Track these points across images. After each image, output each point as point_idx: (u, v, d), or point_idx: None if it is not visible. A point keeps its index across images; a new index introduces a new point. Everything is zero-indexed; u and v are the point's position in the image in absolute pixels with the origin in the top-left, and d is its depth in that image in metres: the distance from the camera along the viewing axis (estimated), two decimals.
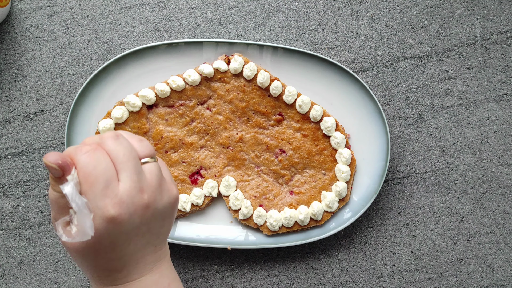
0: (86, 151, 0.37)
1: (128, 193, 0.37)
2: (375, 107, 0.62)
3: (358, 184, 0.63)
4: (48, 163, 0.35)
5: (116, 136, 0.39)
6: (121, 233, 0.37)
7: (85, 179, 0.36)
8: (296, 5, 0.65)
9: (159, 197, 0.39)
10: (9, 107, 0.64)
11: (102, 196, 0.36)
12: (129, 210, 0.37)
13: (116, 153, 0.38)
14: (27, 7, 0.64)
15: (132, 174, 0.37)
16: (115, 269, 0.40)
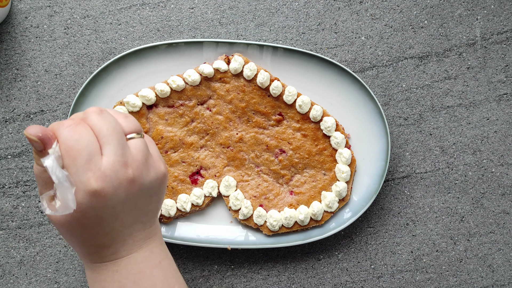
0: (68, 125, 0.37)
1: (111, 167, 0.36)
2: (375, 107, 0.62)
3: (358, 184, 0.63)
4: (29, 136, 0.35)
5: (100, 111, 0.39)
6: (106, 207, 0.37)
7: (67, 153, 0.36)
8: (296, 5, 0.65)
9: (145, 173, 0.39)
10: (9, 107, 0.64)
11: (84, 170, 0.36)
12: (113, 184, 0.37)
13: (99, 127, 0.37)
14: (27, 7, 0.64)
15: (116, 148, 0.37)
16: (103, 245, 0.39)
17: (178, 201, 0.62)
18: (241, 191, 0.62)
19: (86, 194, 0.36)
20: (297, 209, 0.62)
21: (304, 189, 0.63)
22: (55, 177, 0.35)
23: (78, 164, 0.36)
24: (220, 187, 0.62)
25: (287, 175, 0.63)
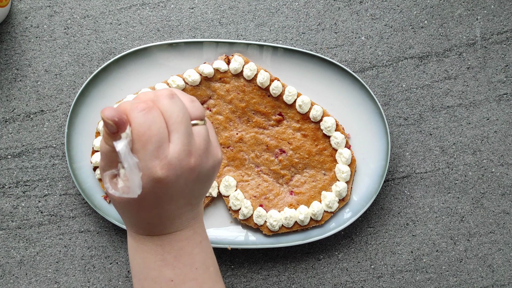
0: (142, 109, 0.36)
1: (177, 155, 0.37)
2: (375, 107, 0.62)
3: (358, 184, 0.63)
4: (104, 118, 0.35)
5: (171, 95, 0.39)
6: (165, 192, 0.38)
7: (139, 138, 0.36)
8: (296, 5, 0.65)
9: (205, 161, 0.39)
10: (9, 107, 0.64)
11: (152, 157, 0.36)
12: (176, 173, 0.37)
13: (170, 113, 0.38)
14: (27, 7, 0.64)
15: (183, 137, 0.37)
16: (153, 223, 0.41)
17: None
18: (241, 191, 0.62)
19: (150, 180, 0.37)
20: (297, 209, 0.62)
21: (304, 189, 0.63)
22: (126, 163, 0.36)
23: (147, 150, 0.36)
24: (220, 187, 0.62)
25: (287, 175, 0.63)
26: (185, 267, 0.42)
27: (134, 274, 0.43)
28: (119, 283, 0.64)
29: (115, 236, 0.65)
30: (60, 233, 0.64)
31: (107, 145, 0.38)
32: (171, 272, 0.41)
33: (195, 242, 0.43)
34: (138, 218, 0.41)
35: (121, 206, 0.40)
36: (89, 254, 0.64)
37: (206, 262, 0.43)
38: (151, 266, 0.41)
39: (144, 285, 0.42)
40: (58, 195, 0.64)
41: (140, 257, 0.42)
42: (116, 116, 0.35)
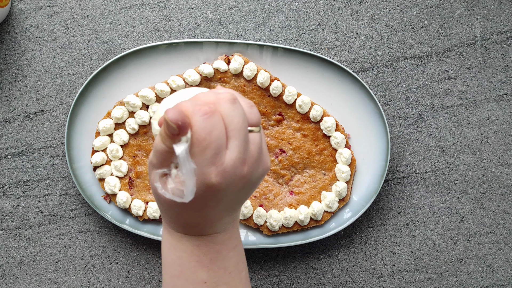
0: (204, 113, 0.36)
1: (233, 163, 0.37)
2: (375, 107, 0.61)
3: (358, 184, 0.63)
4: (168, 120, 0.35)
5: (233, 99, 0.38)
6: (214, 199, 0.38)
7: (198, 143, 0.35)
8: (296, 5, 0.65)
9: (255, 169, 0.39)
10: (9, 107, 0.64)
11: (209, 163, 0.36)
12: (229, 181, 0.37)
13: (231, 119, 0.37)
14: (27, 7, 0.64)
15: (241, 145, 0.37)
16: (194, 224, 0.41)
17: None
18: None
19: (203, 185, 0.36)
20: (297, 209, 0.62)
21: (304, 189, 0.63)
22: (184, 168, 0.35)
23: (205, 156, 0.36)
24: None
25: (287, 175, 0.63)
26: (220, 270, 0.42)
27: (166, 270, 0.43)
28: (119, 283, 0.64)
29: (115, 236, 0.65)
30: (60, 233, 0.64)
31: (163, 145, 0.37)
32: (205, 274, 0.41)
33: (231, 246, 0.43)
34: (180, 218, 0.40)
35: (165, 205, 0.40)
36: (89, 254, 0.64)
37: (239, 267, 0.43)
38: (186, 266, 0.41)
39: (177, 283, 0.42)
40: (58, 195, 0.64)
41: (175, 255, 0.42)
42: (180, 119, 0.35)
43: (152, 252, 0.65)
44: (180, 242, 0.42)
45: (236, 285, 0.43)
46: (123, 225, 0.62)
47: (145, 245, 0.65)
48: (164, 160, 0.37)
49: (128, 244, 0.65)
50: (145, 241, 0.65)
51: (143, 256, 0.65)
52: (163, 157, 0.37)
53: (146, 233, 0.62)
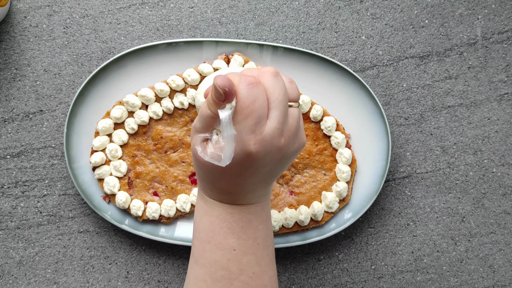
0: (249, 83, 0.38)
1: (272, 133, 0.38)
2: (376, 106, 0.61)
3: (358, 184, 0.63)
4: (216, 86, 0.36)
5: (275, 73, 0.40)
6: (250, 167, 0.39)
7: (242, 111, 0.37)
8: (296, 4, 0.65)
9: (292, 143, 0.41)
10: (8, 107, 0.64)
11: (249, 131, 0.37)
12: (266, 150, 0.38)
13: (272, 90, 0.39)
14: (26, 6, 0.64)
15: (280, 116, 0.38)
16: (229, 192, 0.42)
17: (178, 201, 0.62)
18: None
19: (242, 152, 0.38)
20: (297, 209, 0.62)
21: (304, 189, 0.63)
22: (226, 133, 0.37)
23: (246, 124, 0.37)
24: None
25: (287, 175, 0.63)
26: (249, 239, 0.43)
27: (197, 235, 0.44)
28: (118, 283, 0.64)
29: (114, 237, 0.64)
30: (59, 233, 0.64)
31: (208, 110, 0.38)
32: (235, 242, 0.42)
33: (262, 218, 0.44)
34: (216, 184, 0.42)
35: (203, 169, 0.41)
36: (88, 254, 0.64)
37: (267, 241, 0.44)
38: (217, 231, 0.42)
39: (206, 247, 0.43)
40: (57, 195, 0.64)
41: (208, 220, 0.43)
42: (227, 85, 0.36)
43: (151, 252, 0.64)
44: (214, 208, 0.43)
45: (263, 258, 0.44)
46: (122, 225, 0.61)
47: (145, 246, 0.65)
48: (207, 125, 0.39)
49: (128, 245, 0.64)
50: (145, 241, 0.65)
51: (143, 256, 0.64)
52: (207, 122, 0.39)
53: (146, 234, 0.62)
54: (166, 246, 0.65)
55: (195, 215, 0.45)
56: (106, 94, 0.62)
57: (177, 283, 0.64)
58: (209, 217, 0.43)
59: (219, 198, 0.43)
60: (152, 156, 0.62)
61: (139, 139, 0.62)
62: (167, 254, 0.65)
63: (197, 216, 0.45)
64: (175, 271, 0.64)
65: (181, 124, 0.62)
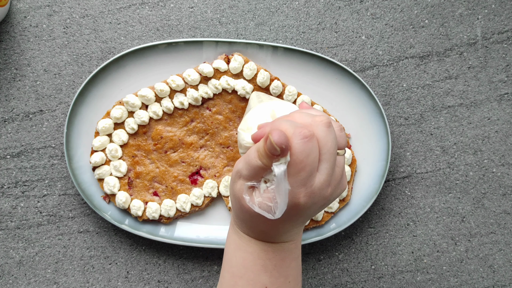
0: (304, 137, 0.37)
1: (321, 185, 0.38)
2: (376, 106, 0.61)
3: (358, 184, 0.63)
4: (273, 143, 0.36)
5: (329, 124, 0.39)
6: (295, 216, 0.39)
7: (295, 165, 0.37)
8: (296, 4, 0.65)
9: (336, 191, 0.41)
10: (8, 107, 0.64)
11: (301, 184, 0.37)
12: (314, 201, 0.39)
13: (324, 143, 0.38)
14: (26, 6, 0.64)
15: (330, 168, 0.39)
16: (267, 233, 0.42)
17: (178, 201, 0.62)
18: None
19: (290, 204, 0.38)
20: None
21: None
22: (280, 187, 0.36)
23: (299, 177, 0.37)
24: (220, 187, 0.62)
25: None
26: (281, 277, 0.43)
27: (228, 269, 0.44)
28: (118, 283, 0.64)
29: (114, 237, 0.64)
30: (59, 233, 0.64)
31: (259, 162, 0.38)
32: (268, 280, 0.43)
33: (294, 256, 0.44)
34: (256, 226, 0.42)
35: (246, 214, 0.41)
36: (88, 254, 0.64)
37: (298, 278, 0.45)
38: (250, 268, 0.43)
39: (238, 282, 0.43)
40: (57, 195, 0.64)
41: (241, 256, 0.43)
42: (284, 143, 0.36)
43: (151, 252, 0.64)
44: (248, 244, 0.43)
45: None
46: (122, 225, 0.61)
47: (145, 246, 0.65)
48: (256, 174, 0.39)
49: (128, 245, 0.64)
50: (145, 241, 0.64)
51: (143, 256, 0.64)
52: (256, 171, 0.38)
53: (146, 234, 0.62)
54: (166, 246, 0.65)
55: (227, 247, 0.45)
56: (106, 94, 0.62)
57: (177, 283, 0.64)
58: (242, 252, 0.43)
59: (254, 236, 0.43)
60: (152, 156, 0.62)
61: (139, 139, 0.62)
62: (167, 254, 0.65)
63: (229, 249, 0.45)
64: (175, 271, 0.64)
65: (181, 124, 0.62)
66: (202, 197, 0.62)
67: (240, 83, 0.60)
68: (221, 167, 0.63)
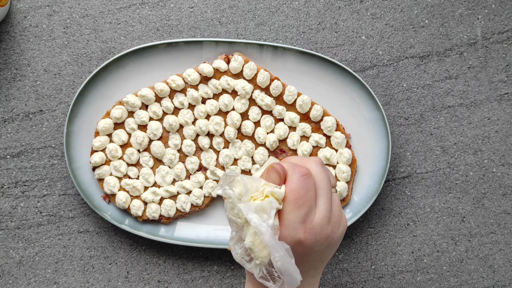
0: (303, 174, 0.39)
1: (321, 222, 0.39)
2: (376, 106, 0.61)
3: (358, 184, 0.63)
4: (276, 168, 0.38)
5: (321, 162, 0.42)
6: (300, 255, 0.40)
7: (295, 201, 0.38)
8: (296, 4, 0.65)
9: (337, 228, 0.41)
10: (8, 107, 0.64)
11: (301, 221, 0.38)
12: (315, 238, 0.39)
13: (321, 179, 0.40)
14: (26, 6, 0.64)
15: (327, 204, 0.40)
16: None
17: (178, 201, 0.62)
18: None
19: (292, 242, 0.39)
20: None
21: None
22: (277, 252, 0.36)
23: (299, 214, 0.38)
24: None
25: None
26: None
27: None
28: (118, 283, 0.64)
29: (114, 237, 0.64)
30: (59, 233, 0.64)
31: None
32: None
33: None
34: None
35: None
36: (88, 254, 0.64)
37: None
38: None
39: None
40: (57, 195, 0.64)
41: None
42: (284, 172, 0.39)
43: (151, 252, 0.64)
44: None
45: None
46: (122, 225, 0.61)
47: (145, 246, 0.65)
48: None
49: (128, 245, 0.64)
50: (145, 241, 0.64)
51: (143, 256, 0.64)
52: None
53: (146, 234, 0.62)
54: (166, 246, 0.65)
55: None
56: (106, 94, 0.62)
57: (177, 283, 0.64)
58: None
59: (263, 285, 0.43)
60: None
61: None
62: (167, 254, 0.65)
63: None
64: (175, 271, 0.64)
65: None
66: (202, 197, 0.62)
67: (240, 83, 0.60)
68: (222, 167, 0.63)
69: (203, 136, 0.62)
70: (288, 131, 0.62)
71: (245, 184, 0.37)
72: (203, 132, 0.61)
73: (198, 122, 0.61)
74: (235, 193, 0.38)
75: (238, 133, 0.62)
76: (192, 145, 0.62)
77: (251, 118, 0.62)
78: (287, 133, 0.62)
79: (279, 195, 0.38)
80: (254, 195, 0.38)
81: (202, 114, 0.61)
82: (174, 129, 0.61)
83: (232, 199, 0.38)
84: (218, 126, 0.61)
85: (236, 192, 0.37)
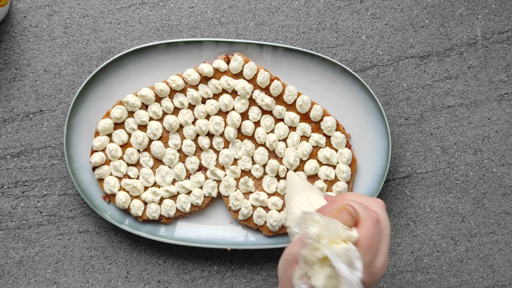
0: (375, 220, 0.40)
1: (382, 266, 0.40)
2: (376, 106, 0.61)
3: (358, 184, 0.63)
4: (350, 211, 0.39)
5: (385, 206, 0.43)
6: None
7: (367, 247, 0.38)
8: (296, 4, 0.65)
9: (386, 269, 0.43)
10: (8, 107, 0.64)
11: (367, 266, 0.39)
12: (373, 281, 0.40)
13: (385, 225, 0.41)
14: (26, 6, 0.64)
15: (388, 249, 0.41)
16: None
17: (178, 201, 0.62)
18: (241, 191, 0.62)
19: None
20: None
21: None
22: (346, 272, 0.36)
23: (367, 258, 0.38)
24: (220, 187, 0.62)
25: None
26: None
27: None
28: (118, 283, 0.64)
29: (114, 237, 0.64)
30: (59, 233, 0.64)
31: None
32: None
33: None
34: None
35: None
36: (88, 254, 0.64)
37: None
38: None
39: None
40: (57, 195, 0.64)
41: None
42: (356, 216, 0.39)
43: (151, 252, 0.64)
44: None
45: None
46: (122, 225, 0.61)
47: (145, 246, 0.65)
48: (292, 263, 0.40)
49: (128, 245, 0.64)
50: (145, 241, 0.64)
51: (143, 256, 0.64)
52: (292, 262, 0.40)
53: (146, 234, 0.62)
54: (166, 246, 0.65)
55: None
56: (106, 94, 0.62)
57: (177, 283, 0.64)
58: None
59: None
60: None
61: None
62: (167, 254, 0.65)
63: None
64: (175, 271, 0.64)
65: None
66: (202, 197, 0.62)
67: (240, 83, 0.60)
68: (222, 167, 0.63)
69: (203, 136, 0.62)
70: (288, 131, 0.62)
71: (325, 226, 0.37)
72: (203, 132, 0.61)
73: (198, 122, 0.61)
74: (314, 233, 0.37)
75: (238, 133, 0.62)
76: (192, 145, 0.62)
77: (251, 118, 0.62)
78: (287, 133, 0.62)
79: (354, 239, 0.38)
80: (332, 238, 0.37)
81: (202, 114, 0.61)
82: (174, 129, 0.61)
83: (311, 240, 0.37)
84: (218, 126, 0.61)
85: (314, 232, 0.37)
